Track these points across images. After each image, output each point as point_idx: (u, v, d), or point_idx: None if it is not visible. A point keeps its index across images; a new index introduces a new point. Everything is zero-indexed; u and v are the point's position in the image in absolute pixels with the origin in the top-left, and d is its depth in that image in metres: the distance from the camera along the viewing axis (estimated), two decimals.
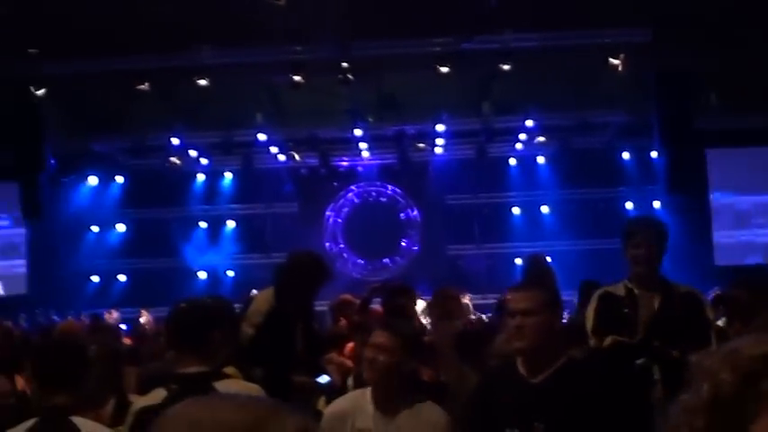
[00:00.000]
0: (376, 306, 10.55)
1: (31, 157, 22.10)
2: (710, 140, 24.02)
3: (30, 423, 4.15)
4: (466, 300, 17.73)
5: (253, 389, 4.28)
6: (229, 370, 5.86)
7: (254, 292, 7.32)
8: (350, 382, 5.29)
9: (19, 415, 4.43)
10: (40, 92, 20.20)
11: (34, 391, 4.39)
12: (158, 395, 4.14)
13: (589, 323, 6.25)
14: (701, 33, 18.06)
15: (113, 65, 19.58)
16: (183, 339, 4.35)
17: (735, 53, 19.10)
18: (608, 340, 6.02)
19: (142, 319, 20.90)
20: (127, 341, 12.33)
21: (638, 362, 5.86)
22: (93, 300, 25.68)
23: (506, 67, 19.36)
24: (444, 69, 19.25)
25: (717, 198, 25.60)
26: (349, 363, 7.63)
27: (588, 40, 19.39)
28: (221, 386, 4.17)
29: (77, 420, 4.15)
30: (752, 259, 24.54)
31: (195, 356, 4.24)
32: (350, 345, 8.31)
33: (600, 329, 6.14)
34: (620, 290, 6.41)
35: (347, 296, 11.06)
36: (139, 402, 4.19)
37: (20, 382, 6.45)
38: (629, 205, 26.29)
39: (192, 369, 4.19)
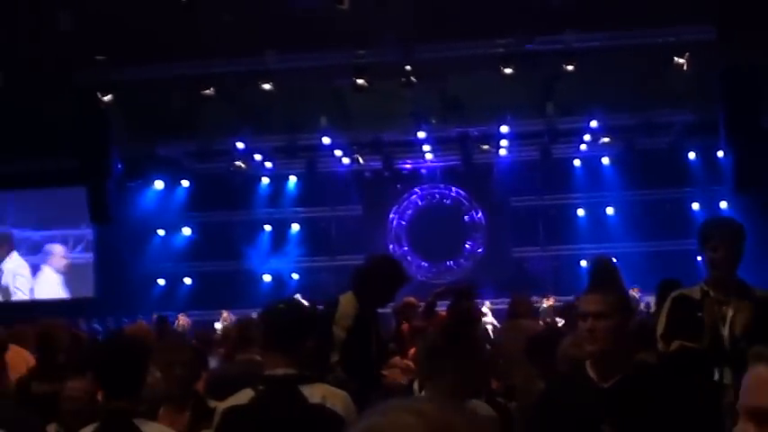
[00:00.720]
0: (440, 310, 10.51)
1: (98, 163, 22.39)
2: None
3: (91, 428, 4.20)
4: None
5: (339, 395, 4.26)
6: None
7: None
8: (415, 386, 5.26)
9: (91, 417, 4.47)
10: (107, 98, 20.45)
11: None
12: (245, 396, 4.17)
13: (660, 327, 6.12)
14: (767, 30, 17.79)
15: (179, 70, 19.80)
16: (276, 340, 4.34)
17: None
18: (675, 345, 5.91)
19: (220, 322, 21.08)
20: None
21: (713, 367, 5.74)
22: (159, 302, 25.96)
23: (570, 68, 19.23)
24: (508, 70, 19.18)
25: None
26: (413, 366, 7.61)
27: (652, 40, 19.17)
28: (308, 390, 4.20)
29: (141, 423, 4.19)
30: None
31: (284, 358, 4.23)
32: (413, 349, 8.28)
33: (669, 333, 6.02)
34: (695, 293, 6.19)
35: (411, 299, 11.00)
36: (226, 403, 4.21)
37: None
38: (695, 206, 26.00)
39: (280, 371, 4.20)
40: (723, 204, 25.39)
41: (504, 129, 23.99)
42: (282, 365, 4.22)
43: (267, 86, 19.59)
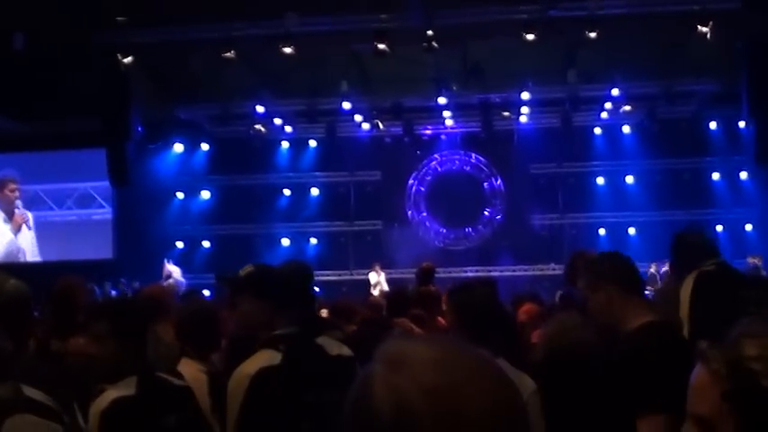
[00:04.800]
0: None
1: (118, 125, 22.44)
2: None
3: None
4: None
5: (342, 345, 4.35)
6: None
7: None
8: None
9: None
10: (128, 60, 20.46)
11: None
12: (269, 356, 4.13)
13: None
14: None
15: (200, 33, 19.79)
16: (286, 300, 4.35)
17: None
18: None
19: None
20: None
21: None
22: (178, 265, 26.06)
23: (592, 35, 19.09)
24: (530, 37, 19.08)
25: None
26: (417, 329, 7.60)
27: (676, 7, 19.01)
28: (321, 341, 4.30)
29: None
30: None
31: (286, 318, 4.25)
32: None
33: None
34: None
35: (428, 264, 11.02)
36: (251, 366, 4.15)
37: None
38: (715, 176, 25.94)
39: (288, 330, 4.21)
40: (743, 175, 25.35)
41: (525, 95, 23.85)
42: (287, 324, 4.23)
43: (288, 50, 19.52)
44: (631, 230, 26.01)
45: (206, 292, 19.80)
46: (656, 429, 3.84)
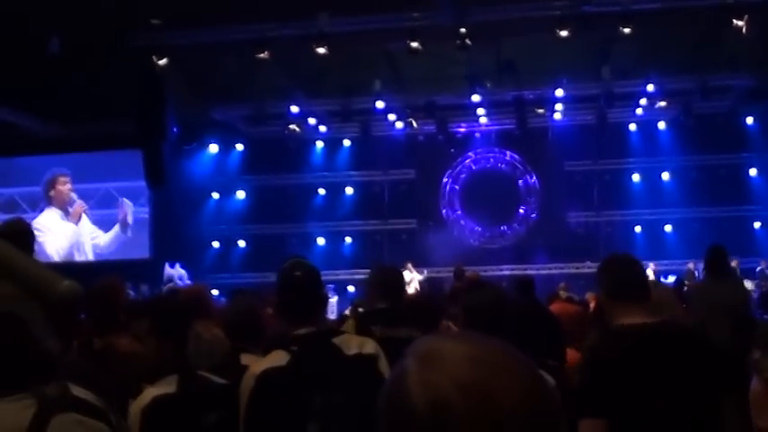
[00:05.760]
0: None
1: (154, 126, 22.58)
2: None
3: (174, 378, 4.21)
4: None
5: (369, 342, 4.30)
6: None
7: None
8: None
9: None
10: (163, 61, 20.56)
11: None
12: (279, 357, 4.14)
13: None
14: None
15: (234, 34, 19.85)
16: (299, 303, 4.37)
17: None
18: None
19: None
20: None
21: None
22: (214, 265, 26.20)
23: (627, 31, 18.97)
24: (564, 33, 18.98)
25: None
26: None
27: (711, 1, 18.90)
28: (339, 341, 4.24)
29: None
30: None
31: (307, 318, 4.25)
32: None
33: None
34: None
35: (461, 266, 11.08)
36: (259, 366, 4.17)
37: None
38: (752, 172, 25.74)
39: (304, 330, 4.20)
40: None
41: (559, 92, 23.80)
42: (305, 325, 4.22)
43: (321, 50, 19.56)
44: (668, 228, 25.88)
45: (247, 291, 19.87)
46: None
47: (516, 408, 1.43)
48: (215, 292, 19.34)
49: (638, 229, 26.15)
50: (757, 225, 25.49)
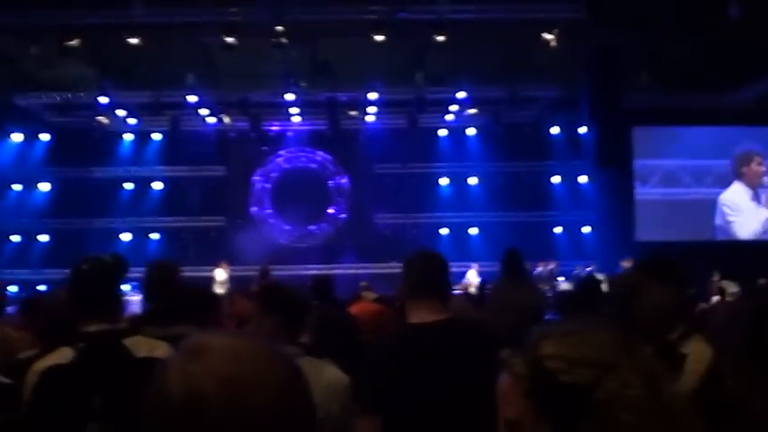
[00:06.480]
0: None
1: None
2: (639, 118, 24.32)
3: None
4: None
5: (162, 345, 4.20)
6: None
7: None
8: None
9: None
10: None
11: None
12: (64, 354, 4.00)
13: None
14: (634, 11, 18.20)
15: (42, 19, 19.15)
16: (88, 299, 4.22)
17: (666, 32, 19.28)
18: None
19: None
20: None
21: None
22: (13, 260, 25.23)
23: (441, 38, 19.32)
24: (379, 38, 19.17)
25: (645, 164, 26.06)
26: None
27: (522, 15, 19.44)
28: (130, 342, 4.11)
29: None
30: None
31: (98, 315, 4.12)
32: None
33: None
34: None
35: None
36: (44, 362, 4.02)
37: None
38: (555, 179, 26.70)
39: (95, 327, 4.07)
40: (582, 179, 26.11)
41: (372, 95, 24.03)
42: (96, 322, 4.10)
43: (134, 40, 19.12)
44: (473, 231, 26.49)
45: (42, 288, 19.26)
46: (364, 430, 4.13)
47: (267, 403, 1.53)
48: (13, 288, 18.69)
49: (444, 231, 26.67)
50: (558, 230, 26.48)
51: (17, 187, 26.26)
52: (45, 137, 26.43)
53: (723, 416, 4.30)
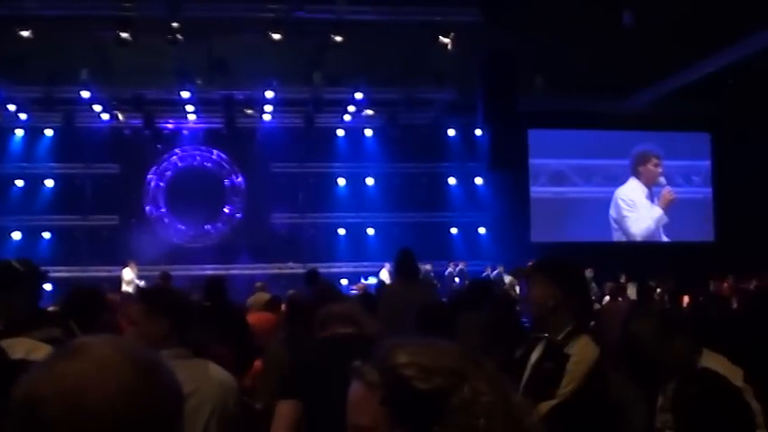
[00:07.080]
0: None
1: None
2: (533, 121, 24.72)
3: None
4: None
5: (44, 348, 4.11)
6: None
7: None
8: None
9: None
10: None
11: None
12: None
13: None
14: (530, 17, 18.42)
15: None
16: None
17: (561, 37, 19.58)
18: None
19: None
20: None
21: None
22: None
23: (339, 39, 19.31)
24: (276, 36, 19.06)
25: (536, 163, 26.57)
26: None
27: (420, 17, 19.50)
28: (7, 344, 4.01)
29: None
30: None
31: None
32: None
33: None
34: None
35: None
36: None
37: None
38: (451, 181, 27.02)
39: None
40: (478, 180, 26.46)
41: (269, 94, 23.89)
42: None
43: (26, 33, 18.68)
44: (370, 231, 26.59)
45: None
46: (282, 411, 4.30)
47: (104, 403, 1.53)
48: None
49: (341, 231, 26.71)
50: (454, 231, 26.78)
51: None
52: None
53: (605, 417, 4.39)
